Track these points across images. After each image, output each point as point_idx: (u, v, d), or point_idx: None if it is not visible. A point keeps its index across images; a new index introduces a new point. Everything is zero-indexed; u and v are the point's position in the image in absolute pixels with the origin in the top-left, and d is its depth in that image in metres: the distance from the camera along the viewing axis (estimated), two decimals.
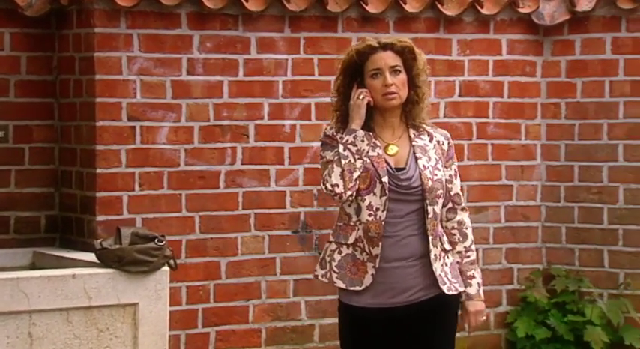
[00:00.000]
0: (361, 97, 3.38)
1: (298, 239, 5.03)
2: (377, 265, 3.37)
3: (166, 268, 4.10)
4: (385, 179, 3.36)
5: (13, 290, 3.86)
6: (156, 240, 4.05)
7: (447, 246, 3.48)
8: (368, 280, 3.39)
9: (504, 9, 5.35)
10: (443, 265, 3.43)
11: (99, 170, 4.66)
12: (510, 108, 5.44)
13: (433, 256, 3.40)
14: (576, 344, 5.27)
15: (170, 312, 4.15)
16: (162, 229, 4.58)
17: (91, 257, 4.19)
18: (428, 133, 3.48)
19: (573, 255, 5.48)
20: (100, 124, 4.66)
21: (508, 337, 5.42)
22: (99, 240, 4.20)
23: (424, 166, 3.41)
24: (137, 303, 4.00)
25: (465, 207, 3.54)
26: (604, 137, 5.42)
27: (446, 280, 3.42)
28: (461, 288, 3.46)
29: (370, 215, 3.37)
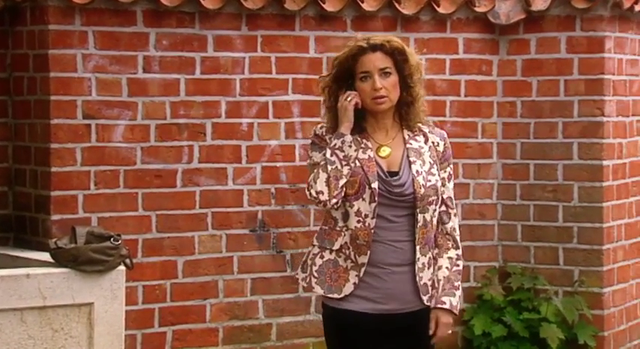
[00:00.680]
0: (348, 100, 3.28)
1: (256, 238, 5.02)
2: (361, 274, 3.27)
3: (122, 267, 4.06)
4: (375, 185, 3.26)
5: None
6: (112, 239, 4.02)
7: (436, 254, 3.36)
8: (348, 288, 3.29)
9: (461, 8, 5.38)
10: (432, 274, 3.32)
11: (53, 168, 4.61)
12: (467, 106, 5.47)
13: (421, 264, 3.30)
14: (532, 341, 5.31)
15: (126, 312, 4.12)
16: (118, 228, 4.55)
17: (46, 256, 4.14)
18: (423, 134, 3.38)
19: (529, 253, 5.52)
20: (55, 122, 4.61)
21: (465, 335, 5.45)
22: (54, 240, 4.16)
23: (417, 172, 3.30)
24: (92, 303, 3.96)
25: (456, 212, 3.44)
26: (559, 135, 5.47)
27: (429, 290, 3.32)
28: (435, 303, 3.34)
29: (359, 221, 3.26)
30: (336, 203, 3.26)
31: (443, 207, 3.38)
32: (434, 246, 3.36)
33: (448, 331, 3.40)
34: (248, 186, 5.00)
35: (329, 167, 3.26)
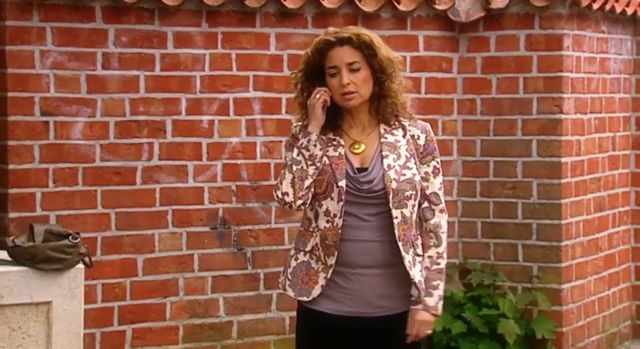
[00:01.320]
0: (317, 97, 3.17)
1: (217, 235, 5.00)
2: (329, 275, 3.17)
3: (81, 266, 4.03)
4: (342, 183, 3.15)
5: None
6: (70, 237, 3.98)
7: (420, 251, 3.24)
8: (316, 291, 3.19)
9: (421, 5, 5.39)
10: (420, 271, 3.21)
11: (11, 166, 4.56)
12: (427, 104, 5.50)
13: (407, 263, 3.17)
14: (491, 337, 5.34)
15: (85, 310, 4.08)
16: (76, 226, 4.51)
17: (3, 254, 4.09)
18: (402, 127, 3.25)
19: (489, 250, 5.55)
20: (12, 119, 4.56)
21: None
22: (11, 238, 4.11)
23: (389, 166, 3.17)
24: (51, 302, 3.92)
25: (444, 209, 3.29)
26: (518, 133, 5.51)
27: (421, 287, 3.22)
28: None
29: (328, 221, 3.16)
30: (303, 204, 3.18)
31: (426, 203, 3.25)
32: (417, 243, 3.22)
33: (426, 330, 3.26)
34: (209, 184, 4.98)
35: (294, 167, 3.17)
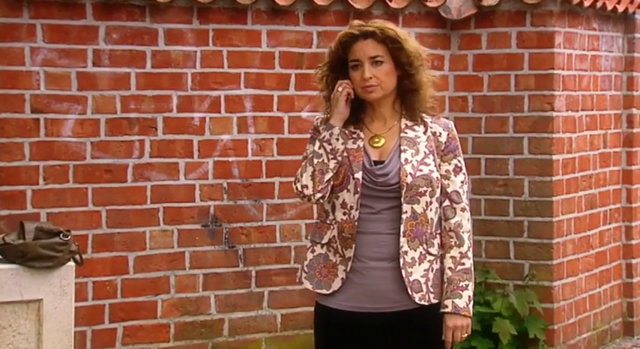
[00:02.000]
0: (340, 89, 3.16)
1: (208, 233, 4.99)
2: (348, 268, 3.15)
3: (72, 263, 4.02)
4: (358, 175, 3.14)
5: None
6: (61, 235, 3.97)
7: (436, 251, 3.19)
8: (337, 284, 3.17)
9: (412, 3, 5.39)
10: (426, 270, 3.15)
11: (1, 163, 4.54)
12: None
13: (409, 259, 3.14)
14: (483, 334, 5.34)
15: (76, 308, 4.08)
16: (67, 224, 4.49)
17: None
18: (424, 124, 3.24)
19: (480, 247, 5.56)
20: (2, 116, 4.54)
21: None
22: (1, 235, 4.09)
23: (406, 160, 3.15)
24: (41, 299, 3.91)
25: (466, 207, 3.22)
26: (510, 130, 5.51)
27: (423, 287, 3.15)
28: (435, 300, 3.17)
29: (344, 213, 3.16)
30: (322, 197, 3.17)
31: (447, 202, 3.20)
32: (431, 241, 3.18)
33: (462, 334, 3.17)
34: (200, 181, 4.97)
35: (315, 160, 3.16)
